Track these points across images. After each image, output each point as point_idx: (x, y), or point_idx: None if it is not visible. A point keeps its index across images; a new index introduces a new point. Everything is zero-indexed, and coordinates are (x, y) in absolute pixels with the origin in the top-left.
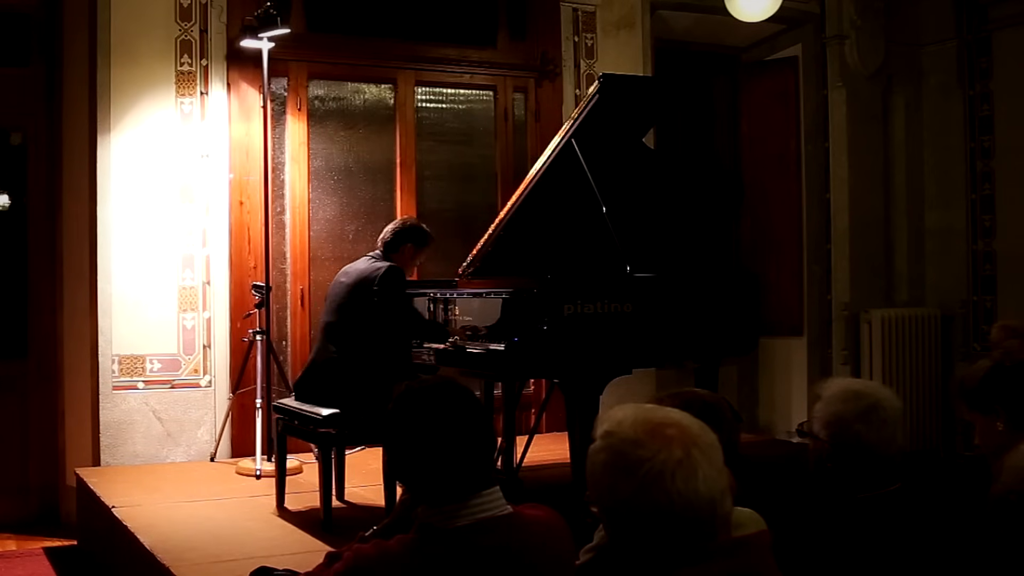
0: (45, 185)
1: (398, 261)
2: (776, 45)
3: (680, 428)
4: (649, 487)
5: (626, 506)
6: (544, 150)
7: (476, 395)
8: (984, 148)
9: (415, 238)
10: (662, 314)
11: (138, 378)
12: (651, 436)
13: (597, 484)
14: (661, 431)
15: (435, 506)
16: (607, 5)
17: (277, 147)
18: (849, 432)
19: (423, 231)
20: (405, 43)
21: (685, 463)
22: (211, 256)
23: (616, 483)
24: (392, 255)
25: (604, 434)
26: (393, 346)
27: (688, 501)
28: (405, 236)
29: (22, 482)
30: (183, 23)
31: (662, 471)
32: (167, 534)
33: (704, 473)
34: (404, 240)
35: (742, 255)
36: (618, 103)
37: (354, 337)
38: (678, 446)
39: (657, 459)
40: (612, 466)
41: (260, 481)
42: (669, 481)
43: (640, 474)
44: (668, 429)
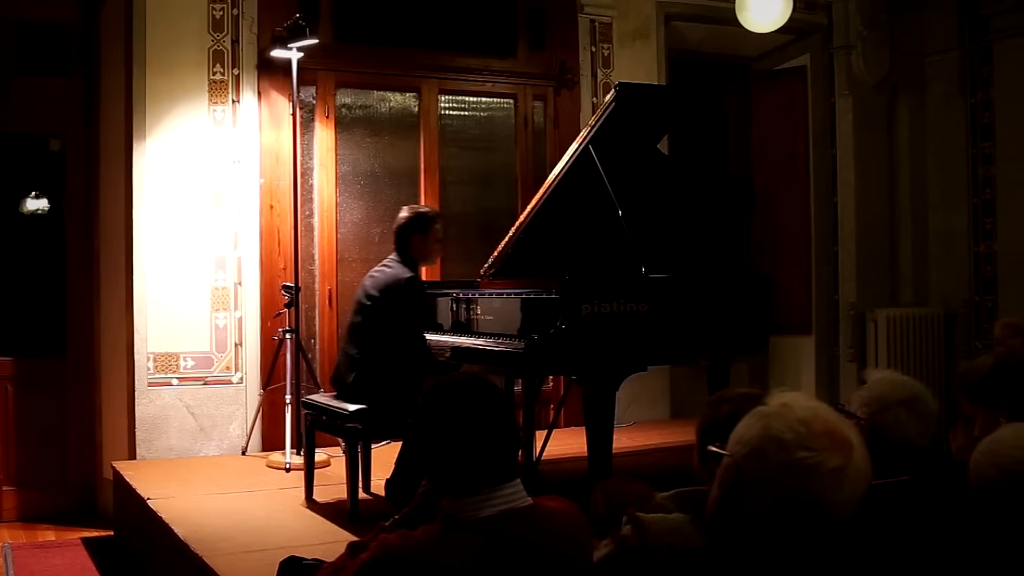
0: (83, 189)
1: (417, 254)
2: (785, 55)
3: (849, 443)
4: (797, 473)
5: (762, 472)
6: (562, 156)
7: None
8: (985, 154)
9: (416, 227)
10: (676, 313)
11: (172, 375)
12: (824, 434)
13: (746, 440)
14: (833, 434)
15: (459, 497)
16: (623, 17)
17: (306, 153)
18: (888, 414)
19: (419, 216)
20: (429, 53)
21: (837, 473)
22: (242, 258)
23: (768, 450)
24: (408, 252)
25: (782, 405)
26: (411, 349)
27: (817, 503)
28: (407, 231)
29: (61, 475)
30: (215, 34)
31: (816, 468)
32: (200, 525)
33: (846, 490)
34: (408, 234)
35: (753, 256)
36: (634, 111)
37: (375, 339)
38: (841, 456)
39: (818, 456)
40: (774, 436)
41: (289, 474)
42: (816, 480)
43: (796, 458)
44: (840, 437)
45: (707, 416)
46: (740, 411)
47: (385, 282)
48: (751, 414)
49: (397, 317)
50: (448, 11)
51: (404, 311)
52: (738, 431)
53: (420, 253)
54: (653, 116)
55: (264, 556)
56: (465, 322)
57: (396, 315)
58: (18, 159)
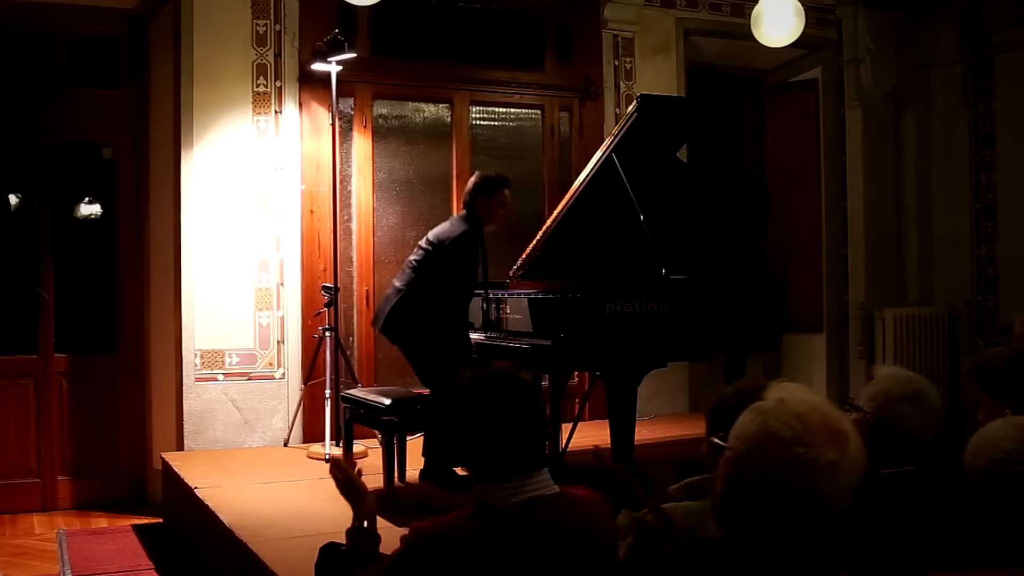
0: (134, 195)
1: (481, 215)
2: (798, 68)
3: (845, 436)
4: (795, 468)
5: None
6: (587, 164)
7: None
8: (987, 162)
9: (483, 190)
10: (694, 313)
11: (218, 371)
12: (821, 429)
13: (746, 437)
14: (830, 429)
15: (490, 484)
16: (644, 32)
17: (344, 161)
18: (893, 408)
19: (488, 180)
20: (461, 66)
21: (834, 466)
22: (284, 260)
23: (767, 446)
24: (473, 212)
25: (779, 400)
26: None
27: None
28: (475, 192)
29: (113, 465)
30: (259, 48)
31: (814, 463)
32: (244, 512)
33: (843, 481)
34: (475, 196)
35: (767, 258)
36: (654, 121)
37: (419, 282)
38: (837, 449)
39: (815, 451)
40: (772, 433)
41: (328, 463)
42: (814, 474)
43: (794, 455)
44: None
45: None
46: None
47: (439, 235)
48: (749, 410)
49: (441, 268)
50: (479, 26)
51: (448, 264)
52: (738, 426)
53: (484, 215)
54: (673, 126)
55: (305, 542)
56: (495, 321)
57: (441, 266)
58: (73, 166)
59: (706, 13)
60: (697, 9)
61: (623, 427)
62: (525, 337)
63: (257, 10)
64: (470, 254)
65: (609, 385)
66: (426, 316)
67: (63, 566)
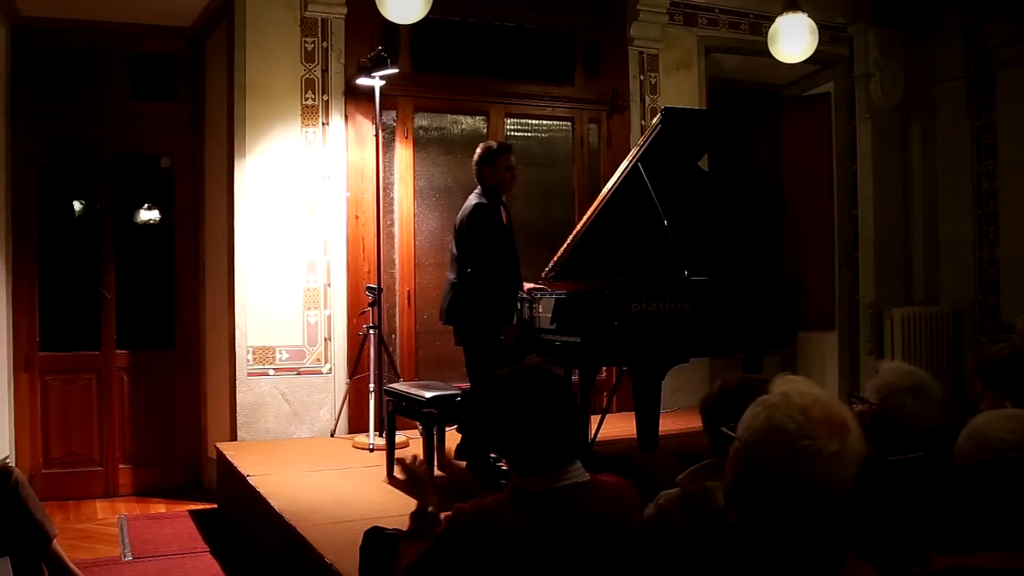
0: (190, 202)
1: (490, 184)
2: (812, 83)
3: (845, 427)
4: (800, 460)
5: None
6: (614, 172)
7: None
8: (989, 171)
9: (485, 159)
10: (715, 311)
11: (269, 366)
12: (823, 422)
13: (752, 429)
14: (831, 420)
15: (525, 474)
16: (668, 49)
17: (387, 169)
18: (896, 399)
19: (487, 150)
20: (497, 81)
21: (836, 456)
22: (331, 262)
23: (772, 439)
24: (483, 184)
25: (783, 394)
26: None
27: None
28: (479, 164)
29: (171, 455)
30: (307, 64)
31: (817, 453)
32: (294, 499)
33: (844, 470)
34: (480, 166)
35: (783, 261)
36: (677, 132)
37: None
38: (838, 440)
39: (818, 443)
40: (778, 427)
41: (373, 454)
42: (818, 464)
43: (798, 446)
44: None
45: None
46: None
47: (461, 214)
48: (756, 403)
49: (468, 245)
50: (513, 44)
51: (471, 239)
52: (745, 419)
53: (493, 182)
54: (695, 137)
55: (350, 526)
56: (528, 319)
57: (467, 244)
58: (133, 175)
59: (726, 31)
60: (717, 27)
61: (648, 419)
62: (556, 334)
63: (306, 28)
64: (486, 223)
65: (635, 379)
66: (472, 300)
67: (124, 548)
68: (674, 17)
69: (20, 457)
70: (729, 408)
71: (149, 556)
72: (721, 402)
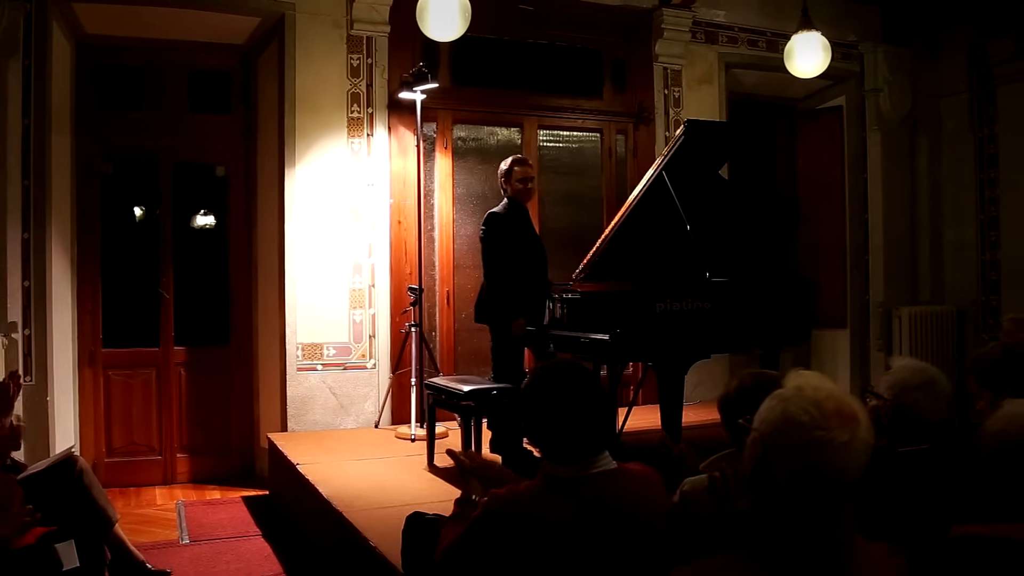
0: (243, 208)
1: (511, 194)
2: (825, 96)
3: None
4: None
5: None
6: (640, 180)
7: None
8: (990, 179)
9: (503, 174)
10: (734, 310)
11: (317, 362)
12: (835, 414)
13: (769, 421)
14: (842, 412)
15: (557, 462)
16: (691, 65)
17: (428, 178)
18: (909, 396)
19: (505, 167)
20: (530, 95)
21: (847, 446)
22: (375, 264)
23: (787, 431)
24: (507, 195)
25: (797, 388)
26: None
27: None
28: (500, 178)
29: (225, 444)
30: (353, 79)
31: (830, 443)
32: (340, 485)
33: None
34: (501, 181)
35: (798, 263)
36: (699, 143)
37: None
38: (848, 431)
39: (830, 434)
40: (792, 418)
41: (414, 444)
42: (830, 454)
43: (812, 437)
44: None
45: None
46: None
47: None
48: (771, 397)
49: (482, 248)
50: (546, 60)
51: (483, 242)
52: (761, 412)
53: (513, 194)
54: (716, 147)
55: (393, 512)
56: (560, 317)
57: (482, 247)
58: (190, 183)
59: (745, 48)
60: (737, 45)
61: (672, 411)
62: (586, 332)
63: (352, 46)
64: (495, 231)
65: (660, 374)
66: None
67: (181, 532)
68: (696, 35)
69: (84, 447)
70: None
71: (205, 539)
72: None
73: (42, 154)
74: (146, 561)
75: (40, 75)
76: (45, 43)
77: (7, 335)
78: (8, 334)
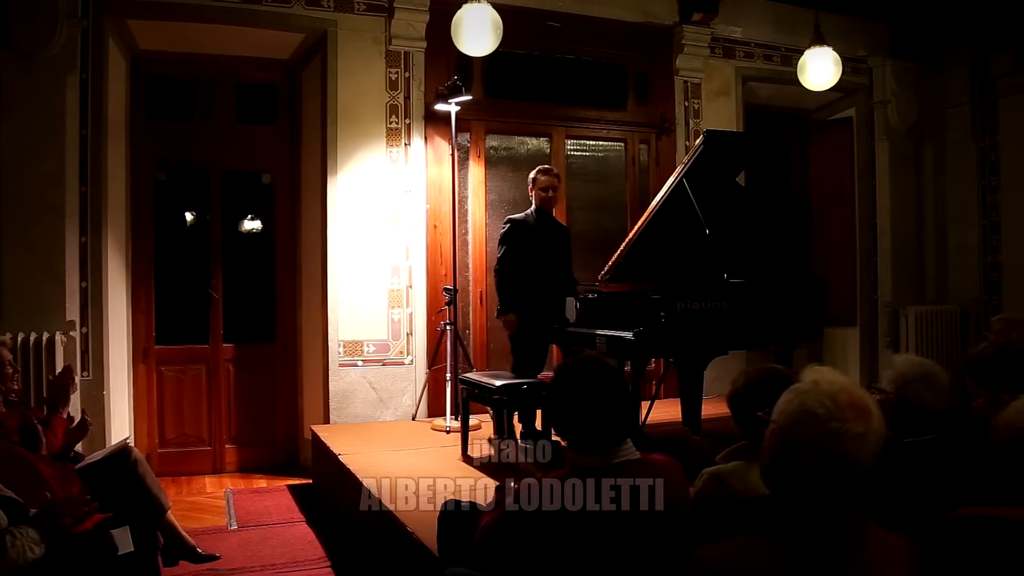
0: (288, 213)
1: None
2: (836, 108)
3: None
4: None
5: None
6: (662, 187)
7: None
8: (992, 186)
9: (530, 181)
10: (751, 309)
11: (358, 358)
12: (849, 406)
13: (787, 413)
14: (856, 405)
15: (584, 453)
16: (709, 79)
17: (462, 184)
18: (910, 388)
19: (535, 171)
20: (558, 107)
21: (861, 436)
22: (412, 266)
23: (804, 422)
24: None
25: (813, 382)
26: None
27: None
28: (528, 184)
29: (271, 436)
30: (391, 92)
31: (845, 434)
32: (379, 474)
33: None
34: (528, 186)
35: (811, 264)
36: (717, 152)
37: None
38: (863, 422)
39: (845, 425)
40: (809, 411)
41: (449, 435)
42: (845, 444)
43: (828, 428)
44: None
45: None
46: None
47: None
48: (789, 390)
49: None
50: (573, 74)
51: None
52: (779, 405)
53: (535, 201)
54: (733, 156)
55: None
56: (586, 316)
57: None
58: (238, 190)
59: (760, 63)
60: (753, 59)
61: (692, 404)
62: (610, 329)
63: (390, 60)
64: (507, 236)
65: (680, 369)
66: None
67: (230, 518)
68: (715, 50)
69: (138, 438)
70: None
71: (252, 525)
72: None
73: (99, 162)
74: (196, 546)
75: (97, 88)
76: (102, 58)
77: (66, 333)
78: (67, 332)
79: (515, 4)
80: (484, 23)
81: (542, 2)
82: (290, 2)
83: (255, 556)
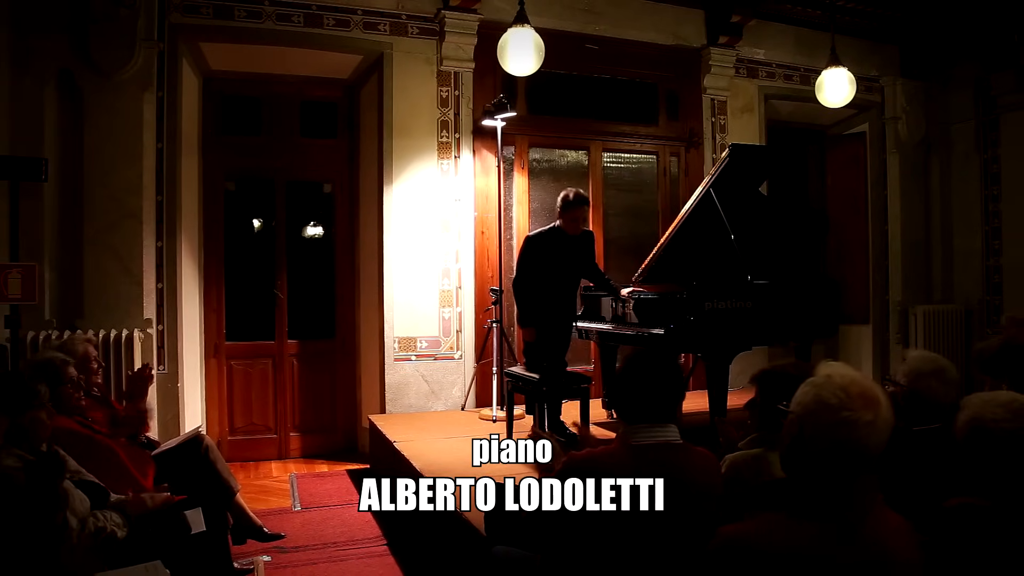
0: (347, 220)
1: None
2: (851, 123)
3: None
4: (841, 427)
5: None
6: (690, 196)
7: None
8: (994, 195)
9: (561, 205)
10: (772, 308)
11: (411, 353)
12: (860, 397)
13: (804, 404)
14: (866, 396)
15: (633, 424)
16: (734, 96)
17: (507, 194)
18: (921, 381)
19: (564, 201)
20: (595, 122)
21: (872, 425)
22: (461, 269)
23: (820, 412)
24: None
25: (827, 376)
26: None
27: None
28: (558, 206)
29: (332, 424)
30: (442, 109)
31: (856, 422)
32: (431, 460)
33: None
34: (557, 209)
35: (827, 266)
36: (742, 164)
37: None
38: (872, 411)
39: (856, 414)
40: (824, 401)
41: (495, 423)
42: (856, 431)
43: (840, 417)
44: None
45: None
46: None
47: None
48: (806, 383)
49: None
50: (609, 92)
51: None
52: (797, 397)
53: (562, 224)
54: (756, 167)
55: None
56: (621, 315)
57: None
58: (302, 199)
59: (781, 82)
60: (774, 79)
61: (719, 396)
62: (643, 327)
63: (441, 80)
64: (525, 251)
65: (708, 364)
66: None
67: (294, 500)
68: (739, 71)
69: (210, 427)
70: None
71: (314, 506)
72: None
73: (173, 173)
74: (263, 526)
75: (172, 105)
76: (176, 78)
77: (143, 330)
78: (144, 329)
79: (556, 28)
80: (528, 45)
81: (581, 26)
82: (349, 26)
83: (317, 535)
